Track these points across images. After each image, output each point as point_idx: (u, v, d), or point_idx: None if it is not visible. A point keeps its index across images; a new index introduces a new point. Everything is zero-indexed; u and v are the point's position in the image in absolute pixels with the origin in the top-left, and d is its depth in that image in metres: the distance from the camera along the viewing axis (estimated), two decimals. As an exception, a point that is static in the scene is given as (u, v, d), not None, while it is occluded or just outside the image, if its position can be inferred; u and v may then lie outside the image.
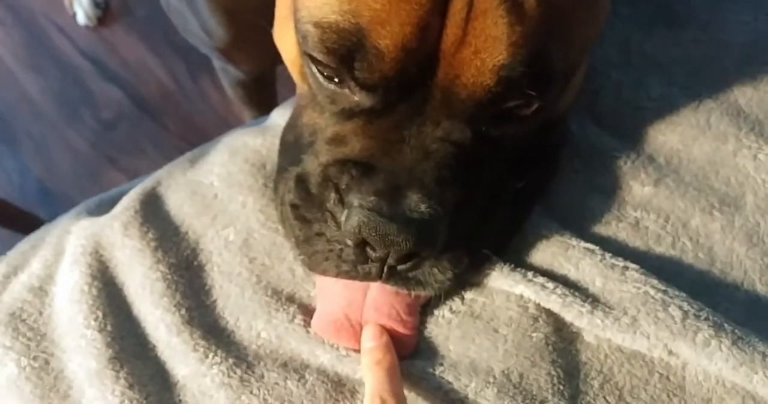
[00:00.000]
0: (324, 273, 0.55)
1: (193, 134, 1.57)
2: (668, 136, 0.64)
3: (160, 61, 1.65)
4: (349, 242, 0.52)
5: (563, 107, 0.60)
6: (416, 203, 0.51)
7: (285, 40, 0.59)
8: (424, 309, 0.59)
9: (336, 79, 0.53)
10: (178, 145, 1.53)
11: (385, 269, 0.53)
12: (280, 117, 0.70)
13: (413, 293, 0.56)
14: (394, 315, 0.57)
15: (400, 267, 0.53)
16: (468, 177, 0.54)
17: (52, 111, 1.64)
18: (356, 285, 0.57)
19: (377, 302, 0.57)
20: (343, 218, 0.52)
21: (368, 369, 0.54)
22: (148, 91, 1.63)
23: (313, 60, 0.53)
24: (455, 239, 0.53)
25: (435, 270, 0.54)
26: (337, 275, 0.55)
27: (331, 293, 0.58)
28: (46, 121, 1.64)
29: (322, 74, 0.54)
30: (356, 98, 0.53)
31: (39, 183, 1.59)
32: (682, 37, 0.69)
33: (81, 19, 1.71)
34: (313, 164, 0.56)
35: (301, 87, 0.60)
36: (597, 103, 0.66)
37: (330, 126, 0.56)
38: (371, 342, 0.56)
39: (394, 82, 0.51)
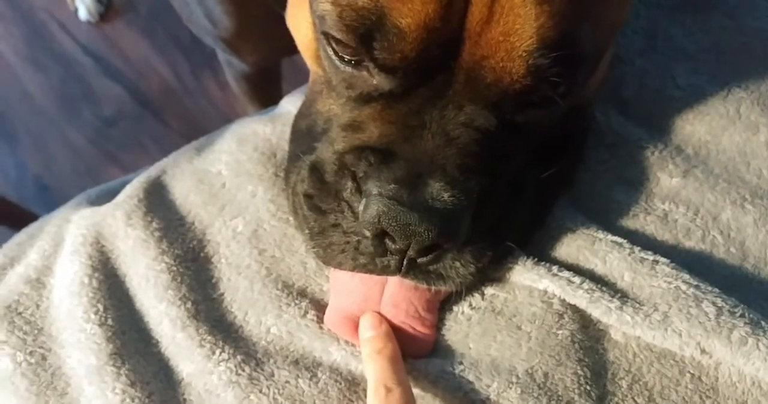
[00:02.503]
0: (339, 266, 0.52)
1: (194, 131, 1.53)
2: (696, 126, 0.62)
3: (162, 57, 1.63)
4: (367, 233, 0.49)
5: (589, 93, 0.57)
6: (439, 192, 0.48)
7: (299, 22, 0.56)
8: (442, 306, 0.56)
9: (353, 61, 0.51)
10: (179, 143, 1.48)
11: (405, 262, 0.50)
12: (290, 104, 0.67)
13: (433, 288, 0.53)
14: (413, 312, 0.54)
15: (420, 260, 0.50)
16: (491, 165, 0.51)
17: (52, 107, 1.62)
18: (373, 279, 0.54)
19: (395, 298, 0.54)
20: (360, 208, 0.49)
21: (369, 358, 0.51)
22: (150, 88, 1.61)
23: (330, 41, 0.50)
24: (478, 231, 0.50)
25: (457, 263, 0.51)
26: (354, 269, 0.52)
27: (346, 288, 0.55)
28: (46, 117, 1.61)
29: (338, 56, 0.51)
30: (374, 81, 0.51)
31: (37, 179, 1.57)
32: (709, 24, 0.66)
33: (83, 14, 1.69)
34: (327, 152, 0.53)
35: (314, 72, 0.57)
36: (622, 91, 0.63)
37: (346, 112, 0.53)
38: (370, 331, 0.53)
39: (416, 64, 0.48)
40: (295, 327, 0.56)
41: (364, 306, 0.54)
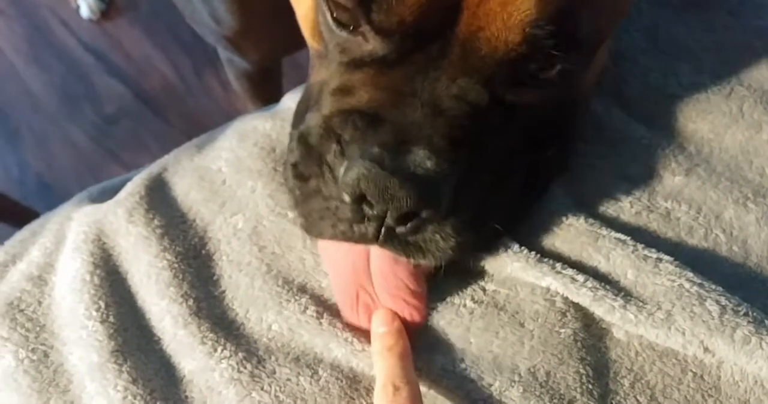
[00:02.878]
0: (320, 235, 0.52)
1: (196, 130, 1.52)
2: (699, 124, 0.61)
3: (163, 55, 1.63)
4: (346, 197, 0.48)
5: (586, 86, 0.57)
6: (422, 159, 0.47)
7: None
8: (443, 299, 0.56)
9: (350, 26, 0.50)
10: (180, 141, 1.48)
11: (383, 230, 0.49)
12: (291, 101, 0.67)
13: (412, 261, 0.52)
14: (401, 284, 0.53)
15: (399, 230, 0.49)
16: (480, 142, 0.50)
17: (54, 105, 1.62)
18: (357, 249, 0.53)
19: (382, 271, 0.54)
20: (341, 171, 0.48)
21: (379, 355, 0.51)
22: (152, 86, 1.61)
23: (329, 4, 0.50)
24: (462, 206, 0.49)
25: (437, 236, 0.50)
26: (332, 237, 0.51)
27: (334, 258, 0.55)
28: (48, 115, 1.61)
29: (334, 20, 0.51)
30: (369, 47, 0.50)
31: (39, 177, 1.57)
32: (712, 22, 0.66)
33: (84, 12, 1.69)
34: (316, 118, 0.52)
35: (312, 47, 0.57)
36: (624, 89, 0.63)
37: (336, 77, 0.53)
38: (383, 327, 0.52)
39: (412, 29, 0.48)
40: (296, 324, 0.55)
41: (354, 278, 0.54)
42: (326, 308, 0.56)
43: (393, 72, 0.50)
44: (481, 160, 0.50)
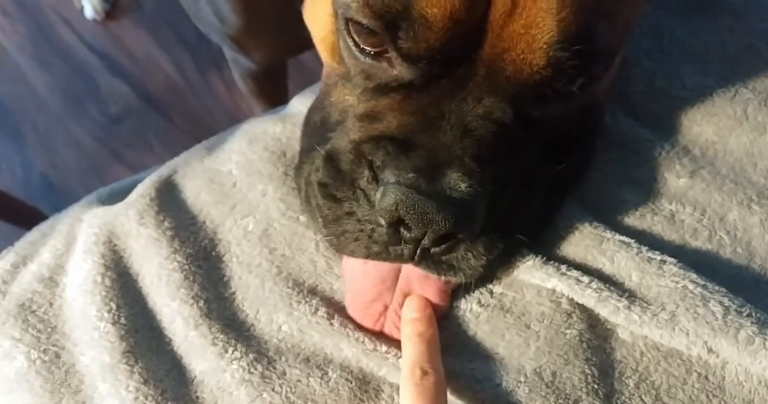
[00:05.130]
0: (352, 254, 0.53)
1: (200, 129, 1.55)
2: (703, 127, 0.62)
3: (167, 55, 1.63)
4: (383, 221, 0.49)
5: (602, 91, 0.57)
6: (456, 182, 0.48)
7: (317, 14, 0.56)
8: (451, 303, 0.56)
9: (374, 52, 0.51)
10: (184, 141, 1.51)
11: (419, 251, 0.50)
12: (300, 104, 0.68)
13: (443, 278, 0.53)
14: (426, 304, 0.55)
15: (434, 250, 0.50)
16: (506, 158, 0.51)
17: (58, 105, 1.62)
18: (386, 264, 0.55)
19: (409, 282, 0.55)
20: (378, 196, 0.49)
21: (409, 339, 0.52)
22: (155, 86, 1.62)
23: (351, 31, 0.51)
24: (491, 223, 0.51)
25: (469, 255, 0.51)
26: (367, 256, 0.52)
27: (361, 271, 0.56)
28: (52, 115, 1.62)
29: (358, 47, 0.52)
30: (395, 72, 0.51)
31: (43, 177, 1.58)
32: (716, 25, 0.67)
33: (88, 12, 1.69)
34: (343, 141, 0.53)
35: (329, 66, 0.58)
36: (629, 91, 0.64)
37: (362, 102, 0.54)
38: (415, 313, 0.53)
39: (439, 54, 0.49)
40: (306, 325, 0.56)
41: (381, 288, 0.55)
42: (337, 310, 0.57)
43: (420, 96, 0.51)
44: (509, 175, 0.51)
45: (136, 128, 1.59)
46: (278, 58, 1.01)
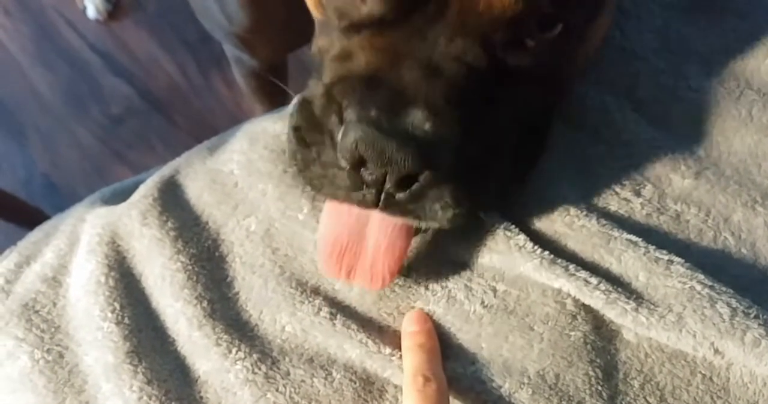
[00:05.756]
0: (330, 198, 0.52)
1: (202, 130, 1.55)
2: (708, 128, 0.62)
3: (169, 56, 1.63)
4: (344, 163, 0.48)
5: (581, 59, 0.57)
6: (420, 120, 0.46)
7: None
8: (453, 304, 0.56)
9: None
10: (186, 141, 1.51)
11: (383, 196, 0.49)
12: (302, 103, 0.68)
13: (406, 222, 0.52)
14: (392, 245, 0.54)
15: (399, 196, 0.49)
16: (478, 105, 0.50)
17: (60, 105, 1.62)
18: (356, 215, 0.54)
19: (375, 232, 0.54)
20: (339, 135, 0.48)
21: (409, 350, 0.52)
22: (158, 87, 1.61)
23: None
24: (457, 173, 0.49)
25: (436, 205, 0.49)
26: (337, 200, 0.51)
27: (334, 223, 0.55)
28: (54, 115, 1.62)
29: None
30: (366, 8, 0.50)
31: (45, 177, 1.57)
32: (722, 25, 0.66)
33: (91, 12, 1.69)
34: (317, 86, 0.52)
35: (316, 17, 0.57)
36: (637, 88, 0.63)
37: (337, 42, 0.53)
38: (414, 326, 0.53)
39: None
40: (309, 325, 0.56)
41: (352, 237, 0.54)
42: (340, 309, 0.57)
43: (390, 33, 0.50)
44: (477, 125, 0.49)
45: (137, 128, 1.58)
46: (281, 54, 1.01)
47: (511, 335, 0.55)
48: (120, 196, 0.68)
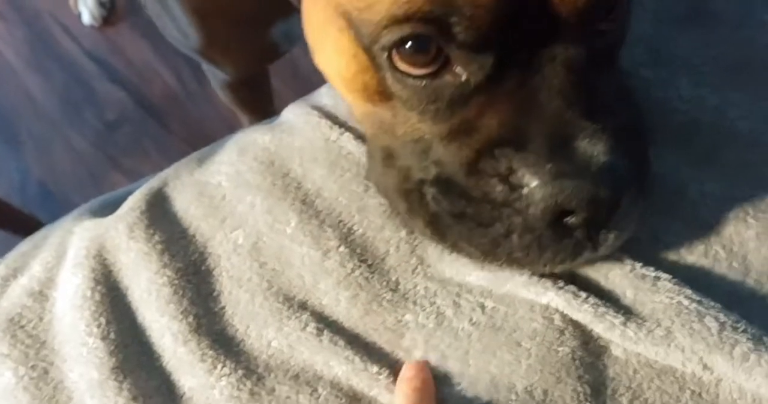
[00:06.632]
0: (531, 267, 0.52)
1: (197, 137, 1.55)
2: (698, 140, 0.61)
3: (165, 62, 1.63)
4: (542, 224, 0.47)
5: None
6: (590, 148, 0.46)
7: (335, 56, 0.53)
8: (441, 322, 0.56)
9: (430, 72, 0.48)
10: (181, 148, 1.51)
11: (591, 232, 0.49)
12: (292, 114, 0.67)
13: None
14: None
15: (608, 227, 0.49)
16: (605, 102, 0.49)
17: (55, 111, 1.62)
18: None
19: None
20: (525, 204, 0.47)
21: (402, 392, 0.51)
22: (153, 93, 1.61)
23: (397, 61, 0.48)
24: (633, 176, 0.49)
25: (632, 216, 0.50)
26: (548, 265, 0.51)
27: None
28: (49, 121, 1.61)
29: (411, 76, 0.49)
30: (463, 77, 0.48)
31: (40, 184, 1.57)
32: (712, 37, 0.66)
33: (86, 18, 1.69)
34: (451, 168, 0.50)
35: (364, 107, 0.54)
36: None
37: (440, 123, 0.50)
38: (412, 373, 0.52)
39: (498, 24, 0.46)
40: (296, 340, 0.55)
41: None
42: (327, 325, 0.56)
43: (501, 87, 0.48)
44: (615, 116, 0.49)
45: (132, 135, 1.58)
46: (251, 69, 0.99)
47: (499, 351, 0.54)
48: (110, 207, 0.68)
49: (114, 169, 1.56)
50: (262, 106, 1.15)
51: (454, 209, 0.50)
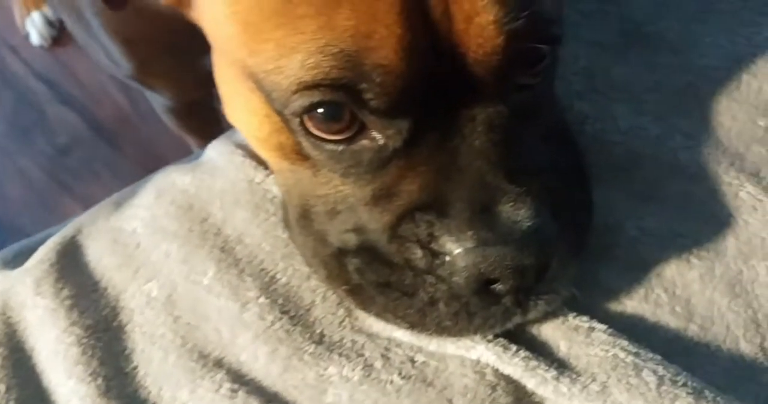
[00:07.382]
0: (460, 334, 0.50)
1: (150, 159, 1.50)
2: (637, 173, 0.58)
3: (116, 83, 1.58)
4: (469, 291, 0.46)
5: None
6: (513, 213, 0.44)
7: (245, 116, 0.51)
8: (369, 374, 0.52)
9: (347, 138, 0.47)
10: (133, 170, 1.47)
11: (519, 300, 0.47)
12: (214, 151, 0.64)
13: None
14: None
15: (536, 292, 0.48)
16: (530, 159, 0.47)
17: (4, 135, 1.57)
18: None
19: None
20: (449, 272, 0.45)
21: None
22: (105, 115, 1.57)
23: (310, 127, 0.47)
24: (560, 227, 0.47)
25: (564, 276, 0.48)
26: (477, 332, 0.49)
27: None
28: (-2, 146, 1.57)
29: (325, 140, 0.47)
30: (380, 142, 0.46)
31: (-11, 212, 1.52)
32: (654, 61, 0.63)
33: (34, 39, 1.64)
34: (373, 235, 0.48)
35: (280, 164, 0.52)
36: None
37: (361, 187, 0.48)
38: None
39: (411, 87, 0.44)
40: (210, 403, 0.52)
41: None
42: (243, 384, 0.52)
43: (420, 150, 0.46)
44: (539, 172, 0.48)
45: (84, 158, 1.53)
46: (190, 95, 0.96)
47: (431, 407, 0.51)
48: (24, 256, 0.63)
49: (66, 194, 1.51)
50: (208, 129, 1.11)
51: (378, 279, 0.48)
